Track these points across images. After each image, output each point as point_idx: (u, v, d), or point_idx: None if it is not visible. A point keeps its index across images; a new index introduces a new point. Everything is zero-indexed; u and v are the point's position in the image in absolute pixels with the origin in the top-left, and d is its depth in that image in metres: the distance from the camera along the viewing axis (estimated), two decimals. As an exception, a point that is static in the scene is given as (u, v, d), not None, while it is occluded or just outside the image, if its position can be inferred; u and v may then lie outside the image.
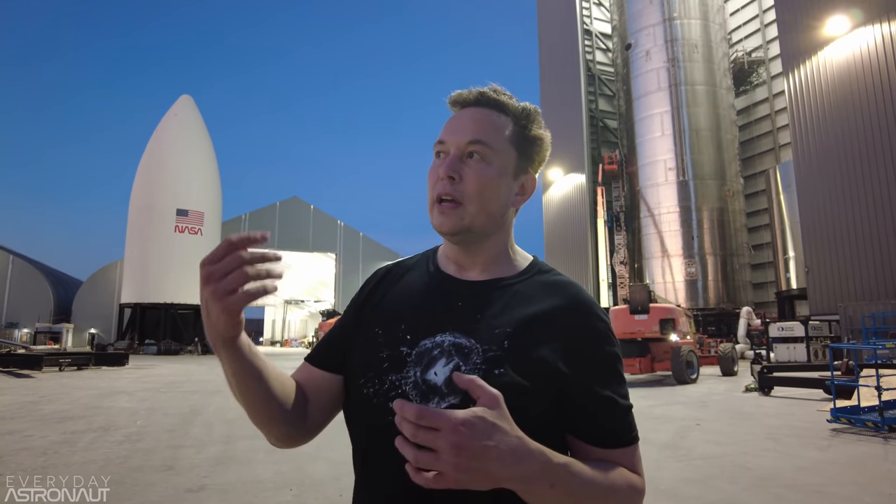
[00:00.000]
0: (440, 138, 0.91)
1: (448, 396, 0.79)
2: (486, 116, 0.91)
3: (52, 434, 7.06)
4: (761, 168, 36.65)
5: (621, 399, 0.84)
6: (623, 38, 38.44)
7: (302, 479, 4.94)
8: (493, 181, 0.89)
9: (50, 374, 16.91)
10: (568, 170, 39.99)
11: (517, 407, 0.77)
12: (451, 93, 0.95)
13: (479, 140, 0.89)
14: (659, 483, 4.89)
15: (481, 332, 0.84)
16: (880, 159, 21.71)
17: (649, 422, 8.26)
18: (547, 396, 0.81)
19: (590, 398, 0.82)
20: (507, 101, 0.93)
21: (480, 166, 0.88)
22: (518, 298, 0.89)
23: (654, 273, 34.30)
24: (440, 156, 0.91)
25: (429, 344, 0.85)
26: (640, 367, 15.22)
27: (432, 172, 0.91)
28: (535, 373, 0.80)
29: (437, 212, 0.88)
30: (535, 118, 0.95)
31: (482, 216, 0.89)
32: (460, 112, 0.93)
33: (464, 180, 0.87)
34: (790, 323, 21.33)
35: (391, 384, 0.83)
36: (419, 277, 0.97)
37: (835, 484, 4.91)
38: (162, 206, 40.22)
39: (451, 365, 0.81)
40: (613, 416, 0.83)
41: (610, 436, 0.82)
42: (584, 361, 0.83)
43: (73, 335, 39.54)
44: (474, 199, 0.87)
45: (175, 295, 39.59)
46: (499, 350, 0.81)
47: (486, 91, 0.93)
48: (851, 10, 23.05)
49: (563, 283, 0.92)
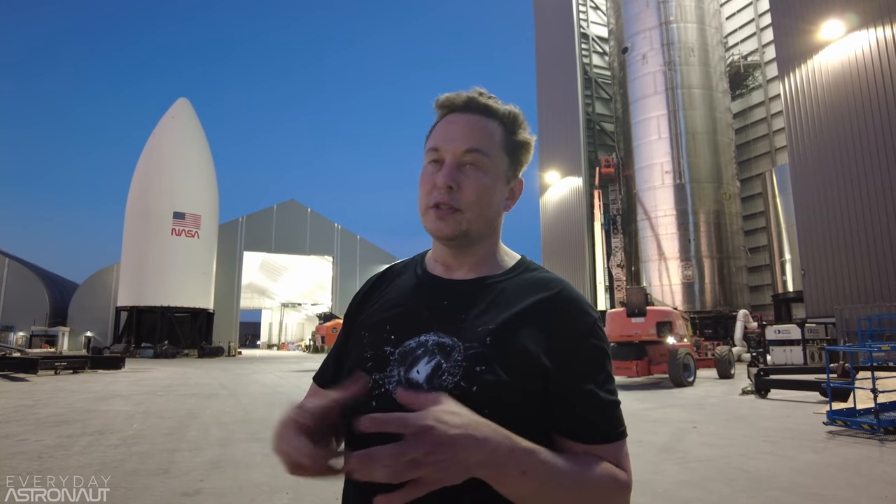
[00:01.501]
0: (434, 145, 0.91)
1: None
2: (478, 123, 0.91)
3: (48, 438, 7.02)
4: (758, 171, 36.79)
5: (605, 394, 0.83)
6: (620, 42, 38.56)
7: (298, 482, 4.93)
8: (489, 189, 0.90)
9: (45, 378, 16.84)
10: (565, 173, 40.05)
11: (500, 403, 0.78)
12: (439, 96, 0.96)
13: (476, 149, 0.89)
14: (656, 486, 4.89)
15: (464, 330, 0.85)
16: (875, 162, 21.81)
17: (646, 424, 8.27)
18: (530, 393, 0.80)
19: (571, 392, 0.82)
20: (495, 105, 0.94)
21: (478, 175, 0.89)
22: (503, 296, 0.89)
23: (651, 276, 34.36)
24: (434, 163, 0.91)
25: (413, 343, 0.85)
26: (636, 370, 15.22)
27: (427, 179, 0.91)
28: (517, 369, 0.80)
29: (435, 217, 0.88)
30: (521, 122, 0.96)
31: (479, 222, 0.90)
32: (452, 118, 0.93)
33: (462, 189, 0.88)
34: (787, 326, 21.37)
35: (374, 383, 0.84)
36: (407, 280, 0.98)
37: (831, 486, 4.91)
38: (159, 209, 40.14)
39: (433, 363, 0.82)
40: (595, 410, 0.81)
41: (591, 430, 0.80)
42: (568, 356, 0.83)
43: (69, 338, 39.36)
44: (473, 206, 0.89)
45: (172, 298, 39.48)
46: (480, 347, 0.82)
47: (476, 96, 0.93)
48: (846, 15, 23.18)
49: (550, 279, 0.92)
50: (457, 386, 0.79)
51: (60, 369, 18.62)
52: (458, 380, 0.79)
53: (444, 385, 0.79)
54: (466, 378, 0.79)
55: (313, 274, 63.63)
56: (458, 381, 0.79)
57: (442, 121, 0.94)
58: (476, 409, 0.76)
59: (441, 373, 0.81)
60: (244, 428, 8.02)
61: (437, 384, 0.80)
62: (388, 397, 0.82)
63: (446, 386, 0.79)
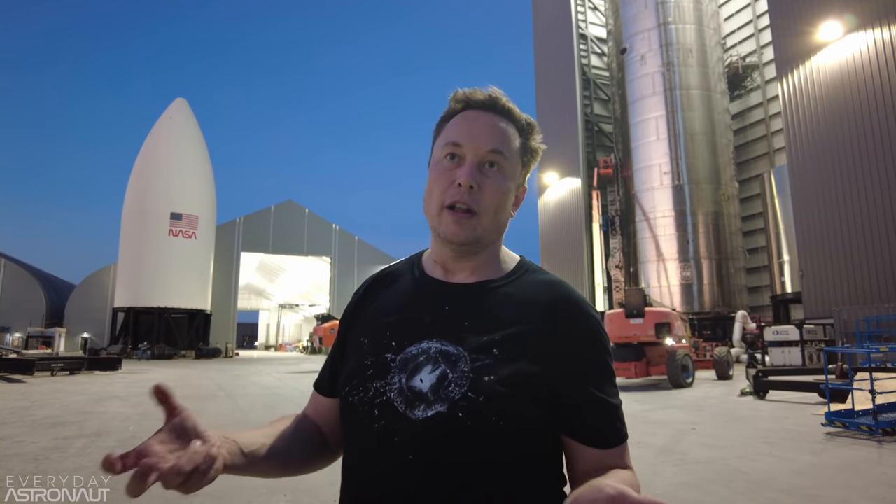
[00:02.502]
0: (455, 139, 0.89)
1: (434, 404, 0.78)
2: (501, 125, 0.90)
3: (44, 440, 6.99)
4: (756, 172, 36.82)
5: (612, 399, 0.84)
6: (618, 43, 38.60)
7: (296, 484, 4.90)
8: (506, 194, 0.89)
9: (42, 379, 16.78)
10: (563, 174, 40.08)
11: (509, 414, 0.77)
12: (458, 90, 0.93)
13: (499, 150, 0.88)
14: (655, 487, 4.87)
15: (469, 339, 0.83)
16: (874, 163, 21.84)
17: (645, 426, 8.25)
18: (539, 400, 0.80)
19: (582, 400, 0.82)
20: (514, 110, 0.93)
21: (499, 178, 0.88)
22: (506, 301, 0.88)
23: (650, 277, 34.37)
24: (453, 158, 0.88)
25: (414, 350, 0.84)
26: (635, 372, 15.23)
27: (444, 174, 0.88)
28: (525, 378, 0.79)
29: (452, 220, 0.86)
30: (535, 130, 0.95)
31: (492, 228, 0.89)
32: (473, 114, 0.90)
33: (483, 191, 0.86)
34: (785, 327, 21.42)
35: (375, 391, 0.82)
36: (405, 284, 0.96)
37: (829, 488, 4.90)
38: (156, 210, 40.07)
39: (438, 372, 0.80)
40: (606, 416, 0.83)
41: (604, 436, 0.82)
42: (575, 361, 0.82)
43: (65, 339, 39.24)
44: (490, 211, 0.87)
45: (169, 299, 39.41)
46: (487, 358, 0.80)
47: (498, 97, 0.92)
48: (844, 16, 23.21)
49: (552, 282, 0.91)
50: (464, 397, 0.78)
51: (57, 371, 18.57)
52: (466, 391, 0.78)
53: (451, 396, 0.78)
54: (474, 389, 0.78)
55: (311, 275, 63.57)
56: (465, 391, 0.78)
57: (460, 116, 0.91)
58: (485, 419, 0.76)
59: (448, 383, 0.79)
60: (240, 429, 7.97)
61: (443, 395, 0.78)
62: (390, 405, 0.80)
63: (454, 397, 0.78)
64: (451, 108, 0.93)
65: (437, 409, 0.77)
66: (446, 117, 0.93)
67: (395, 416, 0.79)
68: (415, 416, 0.78)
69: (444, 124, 0.93)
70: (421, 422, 0.77)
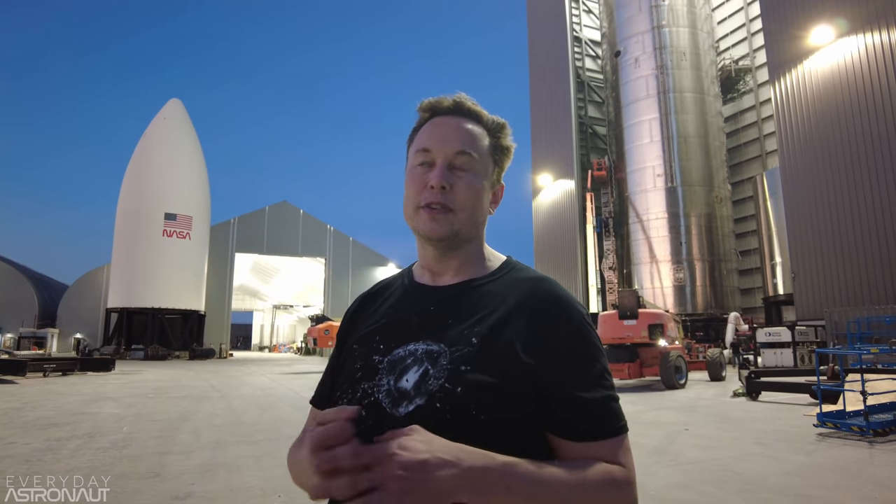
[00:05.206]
0: (424, 146, 0.92)
1: (415, 398, 0.80)
2: (467, 126, 0.93)
3: (36, 441, 6.95)
4: (748, 175, 37.04)
5: (597, 389, 0.81)
6: (612, 46, 38.74)
7: (290, 484, 4.88)
8: (479, 191, 0.92)
9: (34, 380, 16.67)
10: (557, 176, 40.20)
11: (485, 403, 0.78)
12: (424, 100, 0.97)
13: (467, 151, 0.91)
14: (648, 488, 4.90)
15: (451, 334, 0.85)
16: (865, 166, 22.02)
17: (638, 427, 8.29)
18: (517, 391, 0.80)
19: (560, 390, 0.81)
20: (482, 111, 0.96)
21: (469, 176, 0.91)
22: (489, 297, 0.89)
23: (643, 278, 34.50)
24: (423, 164, 0.92)
25: (402, 352, 0.86)
26: (628, 373, 15.28)
27: (416, 179, 0.92)
28: (502, 368, 0.80)
29: (428, 217, 0.89)
30: (505, 129, 0.98)
31: (469, 223, 0.91)
32: (440, 120, 0.94)
33: (455, 190, 0.90)
34: (777, 328, 21.52)
35: (363, 392, 0.84)
36: (395, 292, 0.99)
37: (821, 488, 4.95)
38: (150, 210, 39.88)
39: (421, 371, 0.82)
40: (586, 406, 0.80)
41: (582, 428, 0.79)
42: (556, 353, 0.82)
43: (58, 340, 38.95)
44: (465, 207, 0.90)
45: (162, 299, 39.22)
46: (465, 347, 0.82)
47: (463, 100, 0.95)
48: (836, 20, 23.40)
49: (537, 278, 0.92)
50: (441, 388, 0.79)
51: (49, 371, 18.44)
52: (443, 382, 0.79)
53: (429, 389, 0.79)
54: (451, 380, 0.79)
55: (305, 276, 63.42)
56: (442, 383, 0.79)
57: (429, 123, 0.95)
58: (462, 408, 0.77)
59: (428, 378, 0.81)
60: (236, 431, 7.97)
61: (423, 389, 0.80)
62: (378, 406, 0.82)
63: (432, 389, 0.79)
64: (421, 117, 0.97)
65: (416, 404, 0.79)
66: (416, 127, 0.97)
67: (381, 416, 0.80)
68: (398, 413, 0.79)
69: (414, 134, 0.97)
70: (402, 417, 0.78)
